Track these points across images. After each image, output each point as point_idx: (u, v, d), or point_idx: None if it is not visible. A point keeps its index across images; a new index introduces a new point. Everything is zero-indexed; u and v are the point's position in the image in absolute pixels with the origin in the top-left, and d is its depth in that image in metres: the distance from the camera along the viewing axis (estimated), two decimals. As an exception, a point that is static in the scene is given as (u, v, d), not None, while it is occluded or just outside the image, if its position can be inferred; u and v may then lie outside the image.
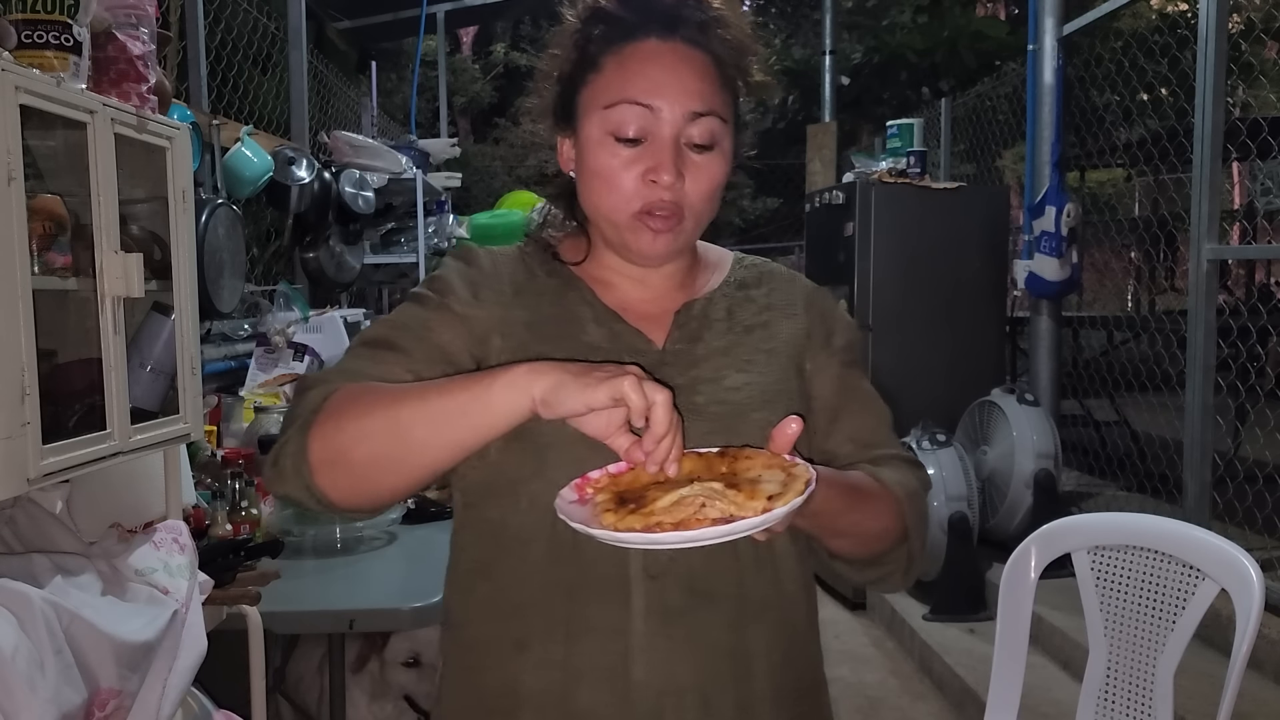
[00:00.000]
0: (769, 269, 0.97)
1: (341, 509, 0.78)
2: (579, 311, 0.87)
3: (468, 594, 0.87)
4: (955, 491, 3.11)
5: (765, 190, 11.69)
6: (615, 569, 0.80)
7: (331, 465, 0.75)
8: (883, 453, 0.90)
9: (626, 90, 0.80)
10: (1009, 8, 9.55)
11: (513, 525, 0.83)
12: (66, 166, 1.47)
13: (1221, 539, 1.35)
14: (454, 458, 0.73)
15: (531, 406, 0.68)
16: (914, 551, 0.88)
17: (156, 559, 1.41)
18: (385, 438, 0.73)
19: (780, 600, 0.86)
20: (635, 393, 0.65)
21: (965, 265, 3.67)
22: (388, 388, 0.77)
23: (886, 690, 2.96)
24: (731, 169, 0.86)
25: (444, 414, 0.71)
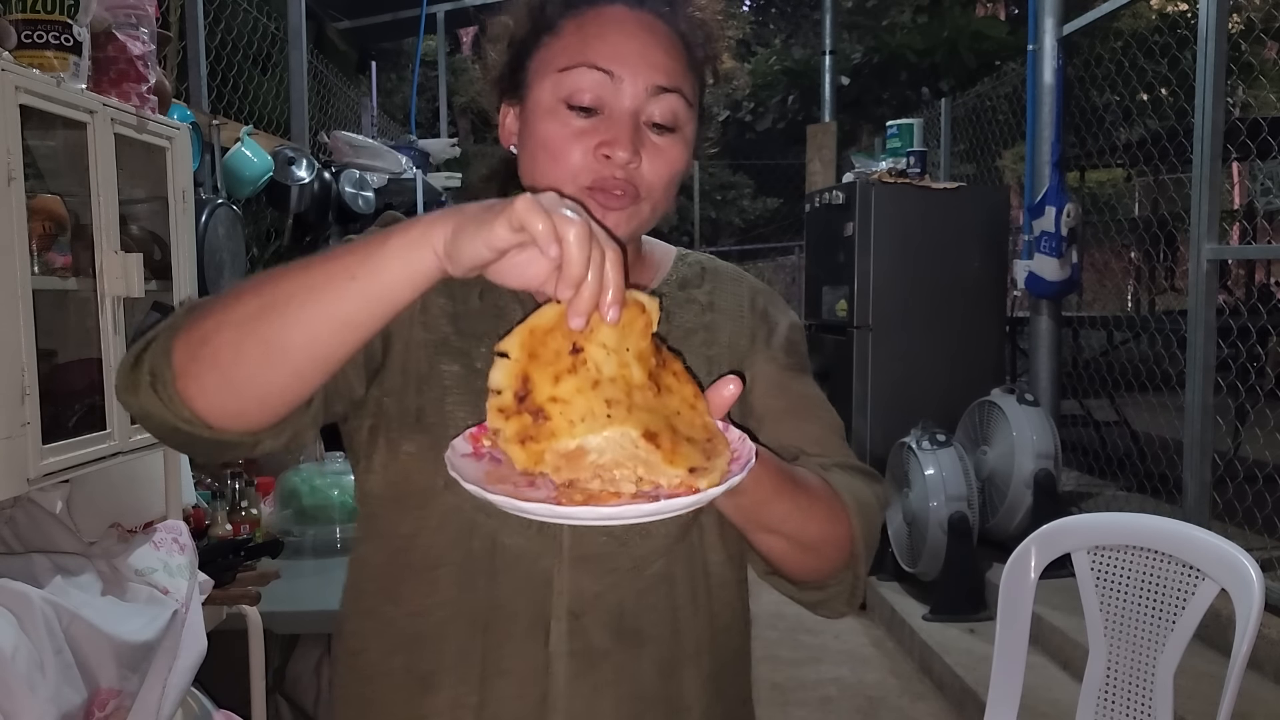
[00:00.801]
0: (713, 266, 0.87)
1: (211, 425, 0.63)
2: (507, 307, 0.77)
3: (367, 617, 0.77)
4: (955, 491, 3.11)
5: (765, 190, 11.69)
6: (534, 604, 0.72)
7: (195, 361, 0.61)
8: (835, 461, 0.79)
9: (586, 53, 0.71)
10: (1009, 8, 9.55)
11: (421, 544, 0.74)
12: (66, 166, 1.47)
13: (1221, 539, 1.35)
14: (342, 340, 0.59)
15: (436, 263, 0.56)
16: (860, 574, 0.77)
17: (156, 559, 1.42)
18: (258, 318, 0.59)
19: (715, 639, 0.78)
20: (533, 215, 0.52)
21: (965, 265, 3.67)
22: (266, 271, 0.63)
23: (886, 690, 2.96)
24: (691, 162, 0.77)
25: (327, 280, 0.58)
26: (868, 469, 0.80)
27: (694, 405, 0.60)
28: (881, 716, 2.79)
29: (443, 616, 0.73)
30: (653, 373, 0.58)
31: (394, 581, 0.75)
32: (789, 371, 0.83)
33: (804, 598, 0.78)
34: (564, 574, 0.72)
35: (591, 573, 0.73)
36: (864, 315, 3.60)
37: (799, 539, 0.72)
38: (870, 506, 0.76)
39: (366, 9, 5.10)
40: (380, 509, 0.77)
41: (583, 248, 0.52)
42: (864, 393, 3.61)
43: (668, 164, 0.73)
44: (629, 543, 0.73)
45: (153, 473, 1.69)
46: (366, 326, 0.59)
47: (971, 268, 3.68)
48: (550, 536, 0.72)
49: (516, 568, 0.72)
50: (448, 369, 0.75)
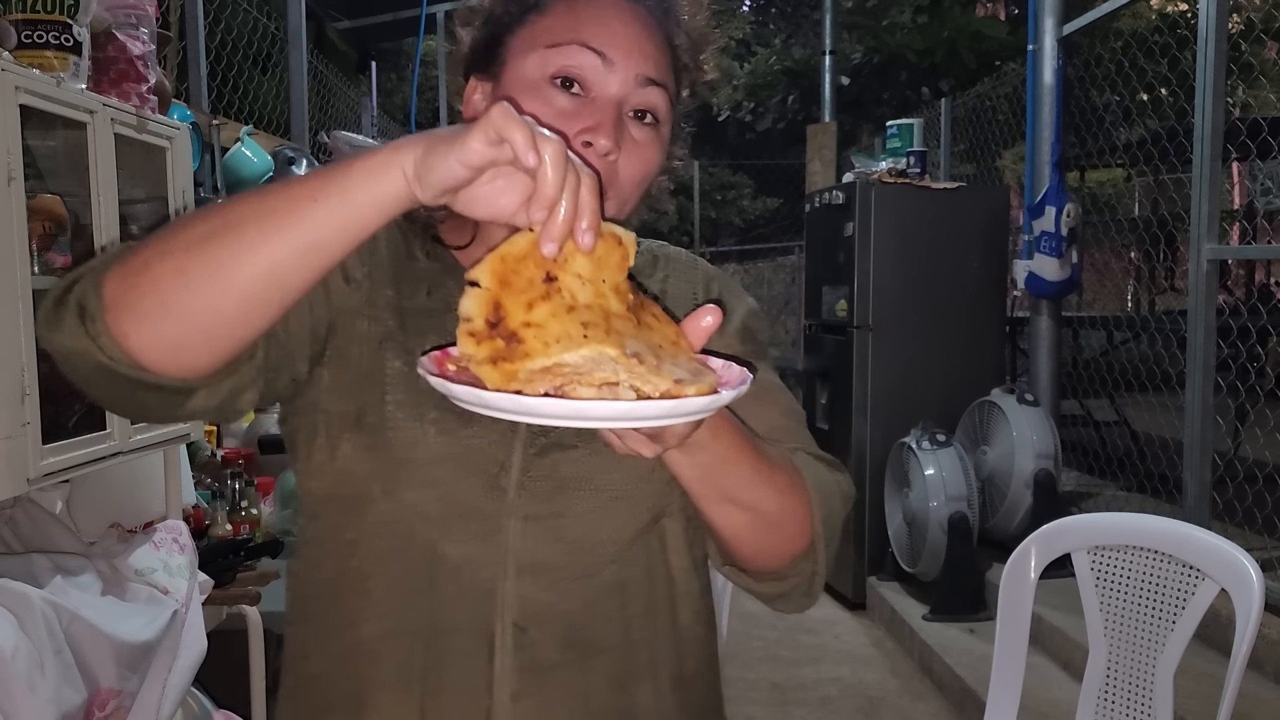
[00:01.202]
0: (666, 252, 0.84)
1: (143, 365, 0.56)
2: (456, 303, 0.73)
3: (308, 623, 0.74)
4: (955, 491, 3.11)
5: (765, 190, 11.69)
6: (477, 617, 0.68)
7: (131, 290, 0.55)
8: (794, 446, 0.75)
9: (579, 32, 0.68)
10: (1009, 8, 9.55)
11: (358, 552, 0.70)
12: (66, 166, 1.47)
13: (1221, 539, 1.35)
14: (303, 265, 0.55)
15: (405, 187, 0.53)
16: (819, 563, 0.72)
17: (156, 559, 1.42)
18: (206, 240, 0.54)
19: (676, 648, 0.74)
20: (511, 125, 0.49)
21: (965, 265, 3.66)
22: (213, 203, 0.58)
23: (886, 690, 2.96)
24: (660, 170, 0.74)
25: (290, 204, 0.54)
26: (830, 458, 0.77)
27: (676, 343, 0.57)
28: (881, 716, 2.79)
29: (380, 630, 0.69)
30: (631, 307, 0.55)
31: (332, 589, 0.72)
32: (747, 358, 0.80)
33: (762, 589, 0.74)
34: (509, 584, 0.68)
35: (538, 582, 0.69)
36: (864, 315, 3.60)
37: (759, 510, 0.67)
38: (831, 491, 0.73)
39: (366, 9, 5.10)
40: (320, 510, 0.73)
41: (558, 167, 0.50)
42: (864, 393, 3.61)
43: (643, 162, 0.70)
44: (579, 551, 0.70)
45: (153, 473, 1.69)
46: (329, 251, 0.55)
47: (971, 268, 3.67)
48: (494, 545, 0.68)
49: (457, 578, 0.68)
50: (391, 365, 0.71)
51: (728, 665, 1.79)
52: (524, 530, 0.69)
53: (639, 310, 0.56)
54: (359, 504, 0.70)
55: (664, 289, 0.80)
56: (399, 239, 0.75)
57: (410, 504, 0.68)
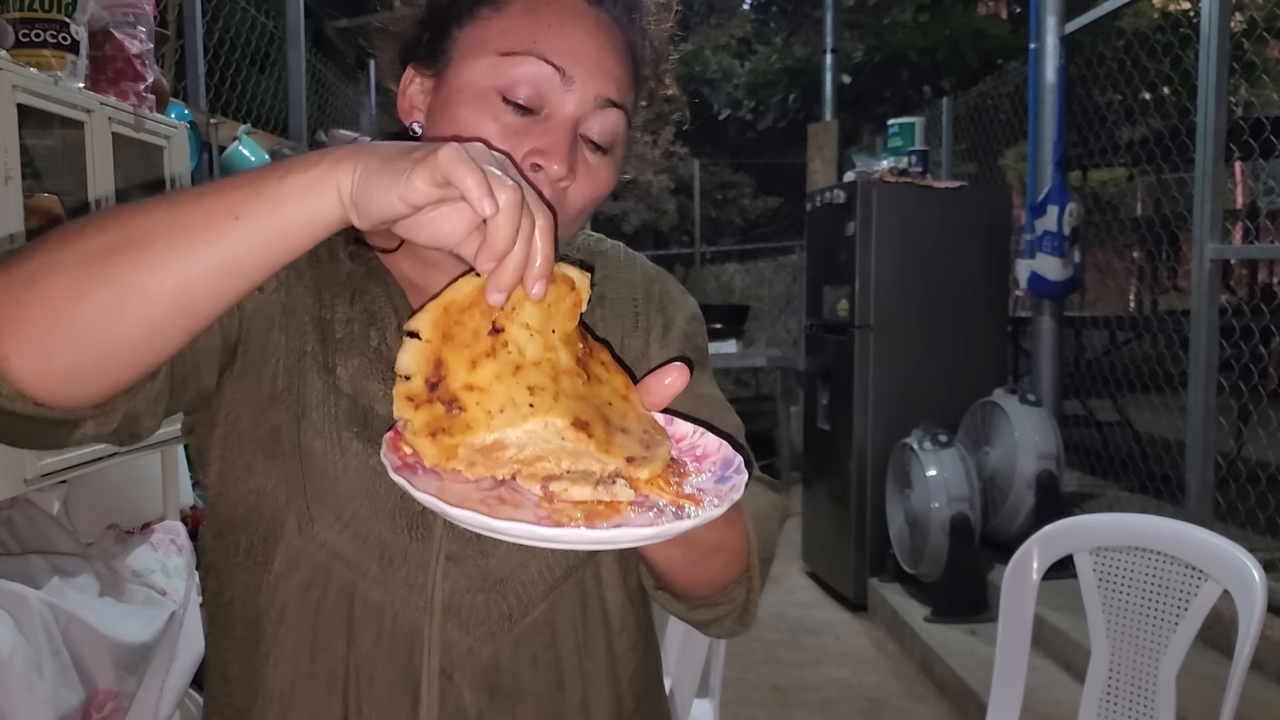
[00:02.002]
0: (602, 249, 0.77)
1: (26, 390, 0.49)
2: (382, 314, 0.67)
3: (221, 652, 0.68)
4: (957, 492, 3.10)
5: (766, 189, 11.68)
6: (399, 663, 0.63)
7: (14, 307, 0.48)
8: None
9: (538, 43, 0.61)
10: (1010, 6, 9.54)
11: (270, 587, 0.64)
12: (64, 166, 1.47)
13: (1224, 540, 1.34)
14: (218, 293, 0.49)
15: (340, 210, 0.48)
16: (754, 590, 0.69)
17: (154, 560, 1.41)
18: (106, 254, 0.47)
19: (612, 686, 0.70)
20: (462, 170, 0.44)
21: (967, 265, 3.66)
22: (121, 207, 0.52)
23: (888, 692, 2.95)
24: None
25: (206, 218, 0.47)
26: (766, 478, 0.74)
27: (626, 397, 0.53)
28: (883, 718, 2.78)
29: (292, 674, 0.64)
30: (580, 359, 0.52)
31: (240, 628, 0.66)
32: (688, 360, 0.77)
33: (694, 617, 0.71)
34: (434, 628, 0.64)
35: (462, 625, 0.64)
36: (865, 315, 3.59)
37: (696, 546, 0.64)
38: (769, 519, 0.70)
39: (365, 7, 5.09)
40: (226, 530, 0.66)
41: (512, 216, 0.45)
42: (865, 393, 3.60)
43: (594, 187, 0.65)
44: (506, 591, 0.65)
45: (150, 473, 1.69)
46: (248, 274, 0.49)
47: (973, 267, 3.67)
48: (418, 586, 0.64)
49: (378, 623, 0.63)
50: (309, 385, 0.65)
51: (729, 667, 1.79)
52: (447, 571, 0.64)
53: (588, 360, 0.53)
54: (271, 535, 0.64)
55: (602, 292, 0.74)
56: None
57: (326, 542, 0.63)
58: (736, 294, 8.96)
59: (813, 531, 4.11)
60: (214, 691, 0.70)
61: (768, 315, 8.59)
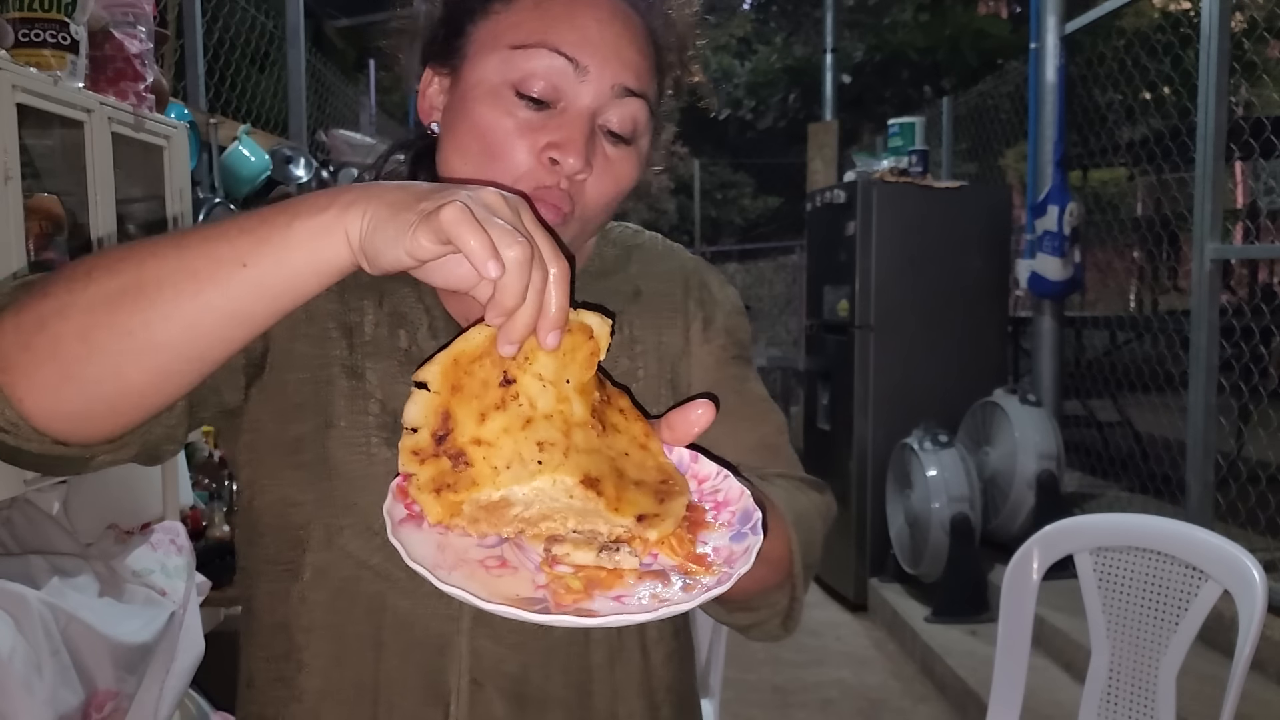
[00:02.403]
0: (639, 242, 0.75)
1: (39, 429, 0.51)
2: (411, 315, 0.66)
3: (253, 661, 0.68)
4: (957, 492, 3.10)
5: (766, 189, 11.68)
6: (430, 673, 0.63)
7: (26, 351, 0.49)
8: (774, 471, 0.70)
9: (548, 33, 0.60)
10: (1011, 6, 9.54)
11: (294, 598, 0.64)
12: (63, 165, 1.47)
13: (1224, 540, 1.34)
14: (224, 336, 0.49)
15: (350, 256, 0.47)
16: (797, 595, 0.68)
17: (154, 560, 1.41)
18: (114, 301, 0.48)
19: (646, 696, 0.68)
20: (465, 230, 0.43)
21: (967, 265, 3.66)
22: (127, 245, 0.51)
23: (888, 692, 2.95)
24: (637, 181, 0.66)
25: (211, 266, 0.47)
26: (811, 479, 0.72)
27: (644, 445, 0.52)
28: (883, 718, 2.78)
29: (322, 685, 0.64)
30: (596, 408, 0.50)
31: (272, 636, 0.66)
32: (726, 365, 0.73)
33: (734, 620, 0.70)
34: (464, 638, 0.63)
35: (492, 635, 0.64)
36: (865, 315, 3.59)
37: None
38: (811, 523, 0.68)
39: (365, 7, 5.10)
40: (257, 539, 0.66)
41: (520, 274, 0.44)
42: (865, 393, 3.60)
43: (615, 181, 0.63)
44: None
45: (150, 474, 1.69)
46: (257, 322, 0.49)
47: (973, 267, 3.66)
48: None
49: (408, 632, 0.63)
50: (334, 393, 0.64)
51: (729, 667, 1.78)
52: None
53: (605, 409, 0.51)
54: (299, 544, 0.64)
55: (637, 288, 0.72)
56: None
57: (353, 552, 0.62)
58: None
59: (813, 531, 4.11)
60: (244, 698, 0.69)
61: (768, 315, 8.59)
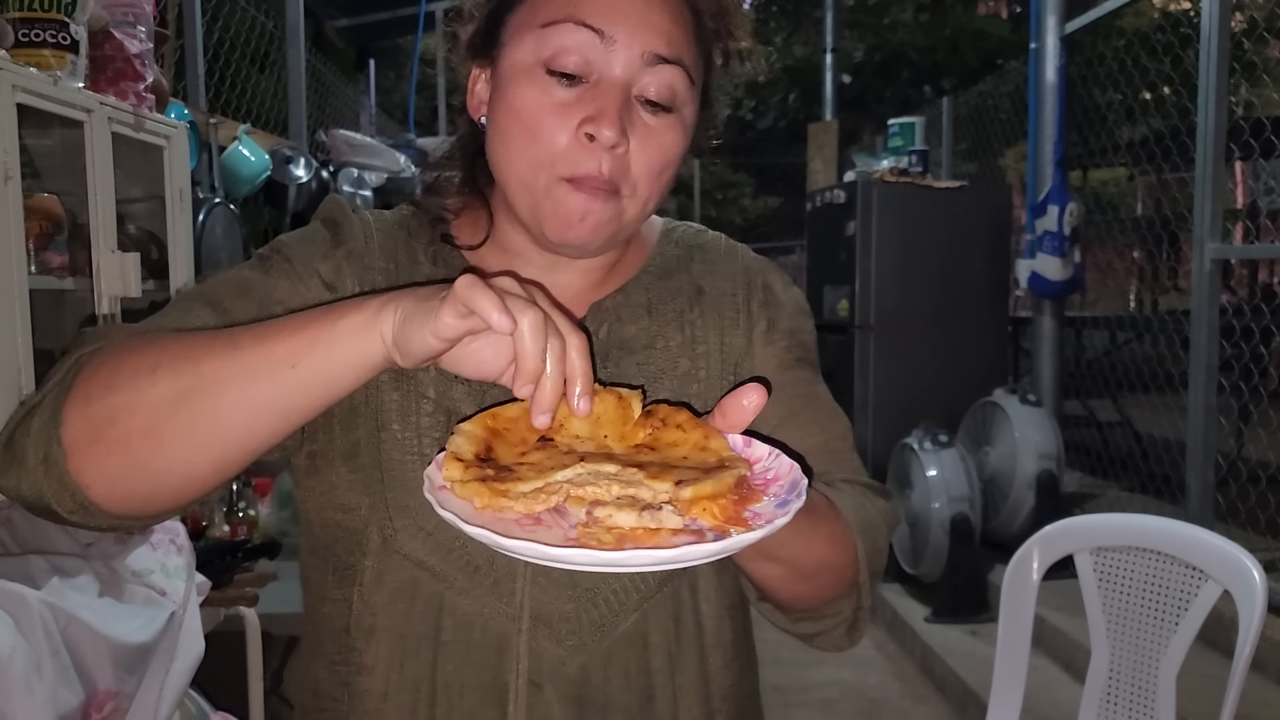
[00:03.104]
0: (702, 241, 0.75)
1: (106, 511, 0.55)
2: None
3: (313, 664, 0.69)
4: (957, 493, 3.10)
5: (766, 189, 11.68)
6: (488, 674, 0.63)
7: (96, 443, 0.53)
8: (838, 476, 0.70)
9: (575, 9, 0.60)
10: (1011, 6, 9.54)
11: (354, 606, 0.65)
12: (63, 165, 1.47)
13: (1224, 540, 1.34)
14: (276, 428, 0.53)
15: (385, 353, 0.50)
16: (863, 604, 0.69)
17: (154, 560, 1.41)
18: (179, 401, 0.52)
19: (705, 703, 0.68)
20: (478, 295, 0.46)
21: (967, 265, 3.66)
22: (185, 335, 0.55)
23: (888, 692, 2.95)
24: (689, 153, 0.65)
25: (266, 366, 0.51)
26: (876, 484, 0.72)
27: (705, 447, 0.52)
28: (883, 718, 2.78)
29: (382, 685, 0.64)
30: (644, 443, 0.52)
31: (333, 640, 0.66)
32: (790, 368, 0.72)
33: (798, 630, 0.70)
34: (523, 638, 0.63)
35: (552, 635, 0.63)
36: (865, 315, 3.59)
37: (797, 565, 0.63)
38: (877, 529, 0.68)
39: (365, 7, 5.10)
40: (320, 546, 0.68)
41: (537, 337, 0.47)
42: (865, 393, 3.60)
43: (660, 150, 0.62)
44: (597, 600, 0.64)
45: (151, 473, 1.69)
46: (306, 414, 0.53)
47: (974, 267, 3.67)
48: (506, 595, 0.63)
49: (467, 633, 0.63)
50: (387, 397, 0.65)
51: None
52: (535, 579, 0.63)
53: (660, 432, 0.53)
54: (358, 550, 0.65)
55: (699, 287, 0.71)
56: (400, 240, 0.69)
57: (410, 554, 0.63)
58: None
59: (813, 531, 4.11)
60: (306, 705, 0.70)
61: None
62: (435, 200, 0.70)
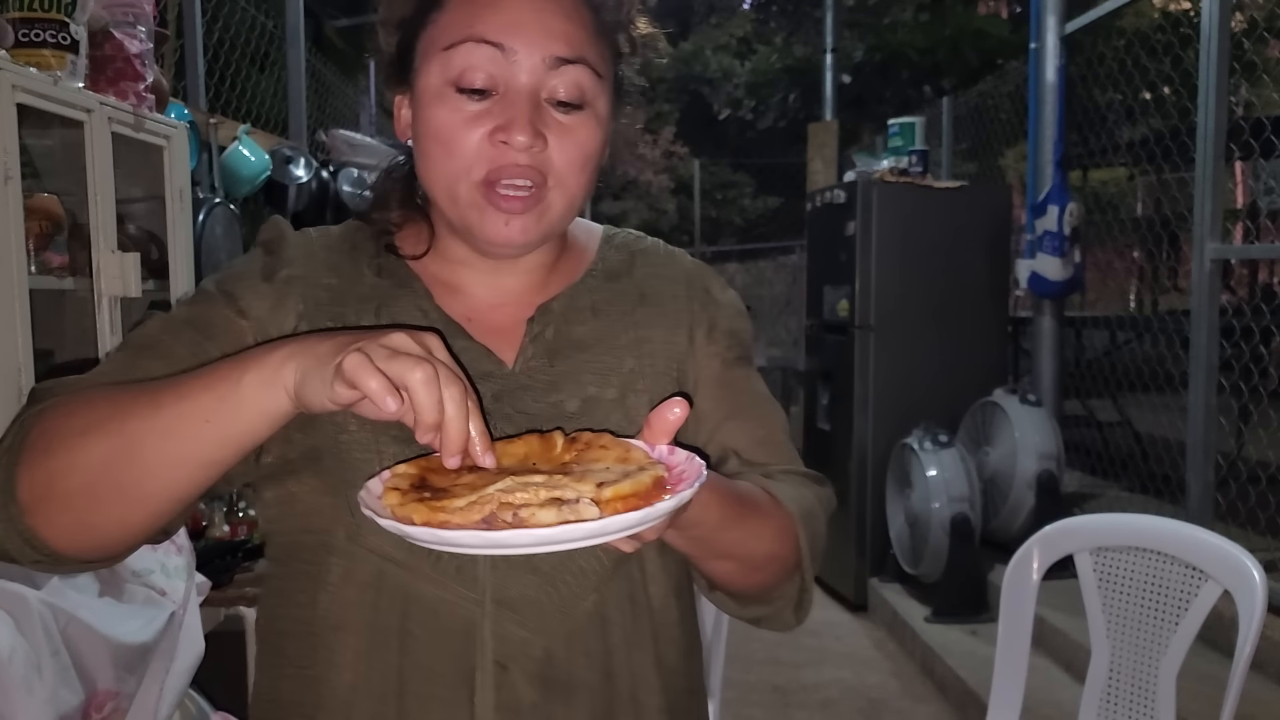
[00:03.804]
0: (643, 246, 0.79)
1: (66, 556, 0.60)
2: (409, 320, 0.69)
3: (278, 674, 0.70)
4: (957, 493, 3.10)
5: (766, 189, 11.68)
6: (456, 658, 0.65)
7: (43, 502, 0.58)
8: (777, 467, 0.75)
9: (473, 26, 0.63)
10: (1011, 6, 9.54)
11: (322, 602, 0.66)
12: (63, 165, 1.47)
13: (1224, 540, 1.34)
14: (200, 480, 0.57)
15: (290, 404, 0.54)
16: (807, 584, 0.73)
17: (154, 560, 1.41)
18: (107, 462, 0.56)
19: (660, 679, 0.71)
20: (363, 374, 0.49)
21: (967, 265, 3.66)
22: (115, 393, 0.59)
23: (888, 692, 2.95)
24: (607, 145, 0.69)
25: (181, 422, 0.55)
26: (811, 473, 0.77)
27: (626, 458, 0.57)
28: (883, 718, 2.78)
29: (352, 678, 0.66)
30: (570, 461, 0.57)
31: (298, 642, 0.68)
32: (732, 367, 0.77)
33: (748, 614, 0.75)
34: (488, 621, 0.65)
35: (516, 618, 0.66)
36: (865, 315, 3.59)
37: (747, 560, 0.69)
38: (816, 516, 0.73)
39: (365, 7, 5.10)
40: (285, 555, 0.70)
41: (428, 390, 0.50)
42: (865, 393, 3.60)
43: (577, 145, 0.65)
44: (557, 582, 0.67)
45: (151, 473, 1.69)
46: (223, 465, 0.57)
47: (974, 267, 3.66)
48: (470, 581, 0.65)
49: (434, 620, 0.65)
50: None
51: (729, 667, 1.79)
52: (496, 564, 0.65)
53: (584, 453, 0.58)
54: (324, 550, 0.67)
55: (643, 291, 0.75)
56: (344, 253, 0.72)
57: (376, 548, 0.65)
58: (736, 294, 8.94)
59: (813, 531, 4.11)
60: (264, 716, 0.71)
61: (768, 315, 8.59)
62: (380, 215, 0.74)
